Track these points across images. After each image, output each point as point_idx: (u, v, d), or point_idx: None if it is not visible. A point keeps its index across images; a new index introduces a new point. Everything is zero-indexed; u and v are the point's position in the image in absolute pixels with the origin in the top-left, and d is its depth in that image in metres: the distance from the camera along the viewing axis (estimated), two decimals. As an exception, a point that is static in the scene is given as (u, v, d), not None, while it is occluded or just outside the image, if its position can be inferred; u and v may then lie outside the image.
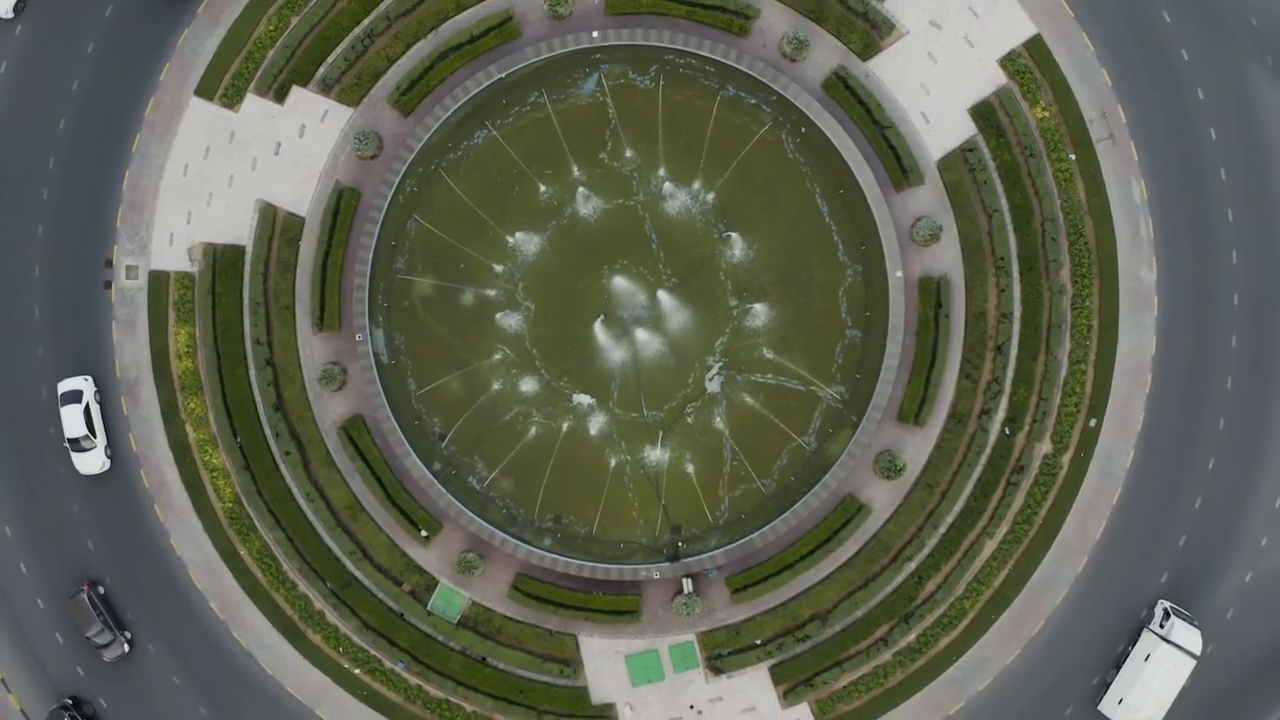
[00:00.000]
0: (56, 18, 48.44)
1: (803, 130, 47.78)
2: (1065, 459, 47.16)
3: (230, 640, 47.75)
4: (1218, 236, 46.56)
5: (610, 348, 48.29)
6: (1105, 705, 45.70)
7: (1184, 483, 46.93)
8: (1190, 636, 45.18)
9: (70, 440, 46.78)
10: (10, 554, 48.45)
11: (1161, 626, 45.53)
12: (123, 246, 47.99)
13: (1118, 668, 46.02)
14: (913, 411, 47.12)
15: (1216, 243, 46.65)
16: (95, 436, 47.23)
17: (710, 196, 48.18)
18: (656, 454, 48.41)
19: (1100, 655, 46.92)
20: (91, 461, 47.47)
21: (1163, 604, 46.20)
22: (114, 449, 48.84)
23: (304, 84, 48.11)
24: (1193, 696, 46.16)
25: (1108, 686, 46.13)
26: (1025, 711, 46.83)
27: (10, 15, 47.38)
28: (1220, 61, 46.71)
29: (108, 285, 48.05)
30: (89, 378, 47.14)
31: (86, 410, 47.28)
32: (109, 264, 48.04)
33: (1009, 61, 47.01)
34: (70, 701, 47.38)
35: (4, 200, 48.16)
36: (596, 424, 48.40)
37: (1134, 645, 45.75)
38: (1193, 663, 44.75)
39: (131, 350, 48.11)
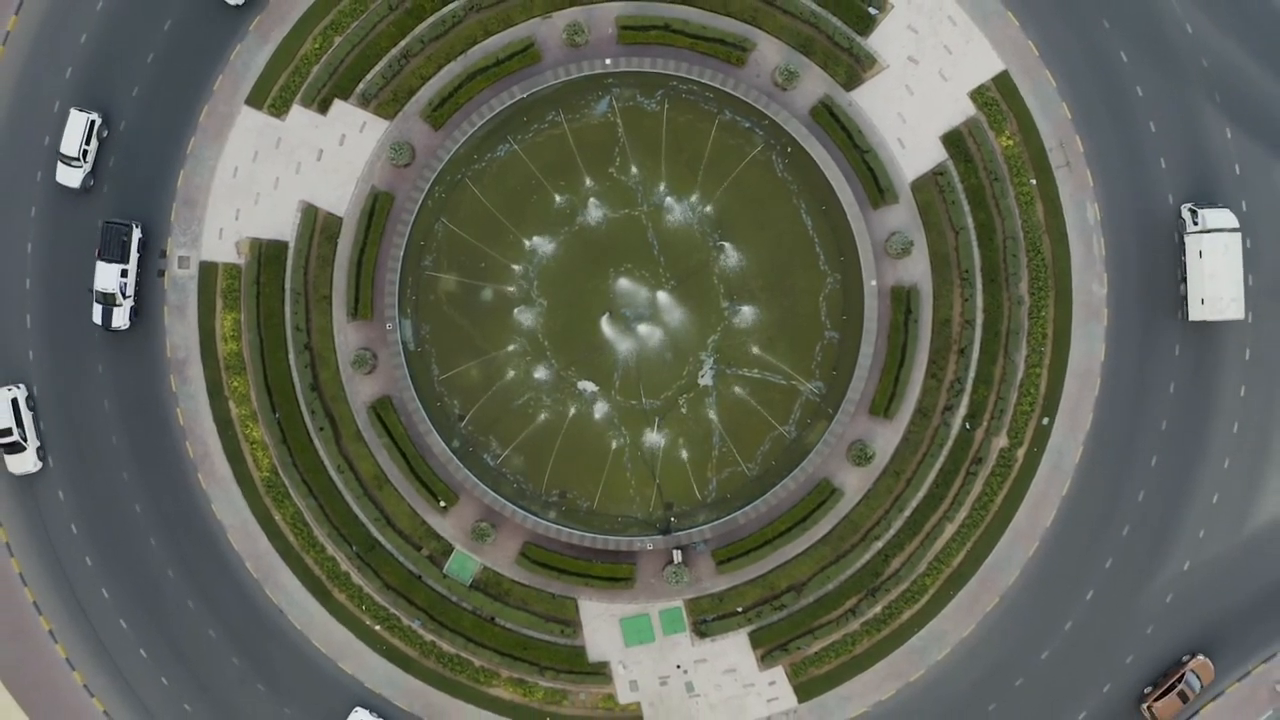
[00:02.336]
0: (119, 28, 49.94)
1: (789, 150, 49.62)
2: (1020, 453, 49.24)
3: (263, 598, 49.78)
4: (1164, 257, 48.67)
5: (614, 342, 50.18)
6: (1194, 314, 47.03)
7: (1128, 478, 49.08)
8: (1223, 217, 46.63)
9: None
10: (60, 517, 50.11)
11: (1196, 224, 46.78)
12: (176, 239, 49.87)
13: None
14: (883, 406, 49.07)
15: (1162, 262, 48.70)
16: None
17: (707, 209, 50.13)
18: (653, 438, 50.27)
19: (1050, 634, 49.11)
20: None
21: (1185, 206, 47.61)
22: (162, 422, 49.75)
23: (345, 97, 49.73)
24: (1137, 671, 48.76)
25: (1185, 300, 47.40)
26: (979, 680, 49.16)
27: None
28: (1172, 98, 48.84)
29: (161, 273, 49.90)
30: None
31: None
32: (163, 254, 49.86)
33: (978, 94, 48.97)
34: None
35: (67, 193, 49.75)
36: (600, 410, 50.25)
37: (1184, 255, 47.31)
38: (1238, 234, 46.46)
39: (181, 332, 49.90)
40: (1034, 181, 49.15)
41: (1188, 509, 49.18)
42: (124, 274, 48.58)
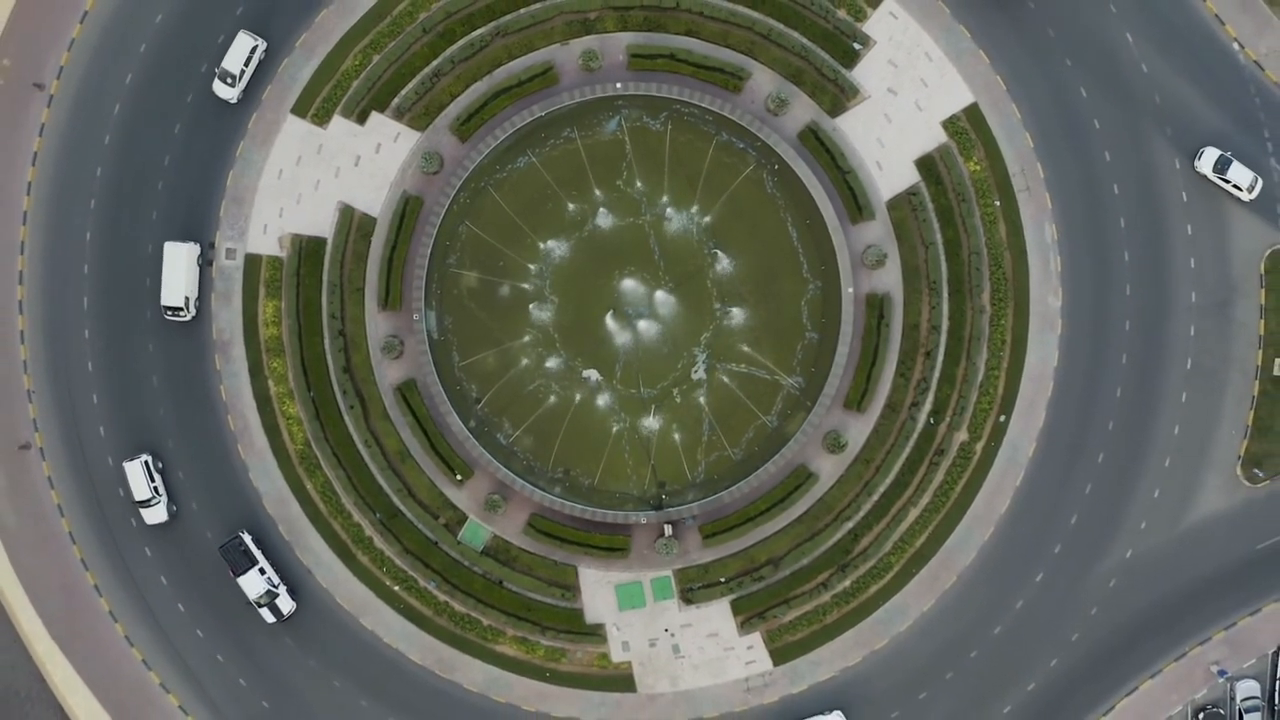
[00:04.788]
0: (177, 40, 51.56)
1: (778, 169, 51.80)
2: (978, 446, 51.57)
3: (293, 559, 51.61)
4: (1115, 273, 51.41)
5: (617, 336, 52.42)
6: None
7: (1077, 472, 51.32)
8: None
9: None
10: (109, 481, 51.57)
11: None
12: (224, 233, 51.59)
13: None
14: (856, 400, 51.32)
15: (1113, 278, 51.46)
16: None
17: (703, 220, 52.36)
18: (649, 423, 52.44)
19: (1003, 611, 51.01)
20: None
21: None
22: (206, 398, 51.28)
23: (381, 110, 51.67)
24: (1082, 649, 51.02)
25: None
26: (938, 651, 51.32)
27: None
28: (1126, 130, 51.28)
29: (209, 264, 51.55)
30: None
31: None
32: (211, 246, 51.51)
33: (950, 123, 51.38)
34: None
35: (125, 190, 51.61)
36: (602, 397, 52.48)
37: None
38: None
39: (226, 317, 51.66)
40: (998, 203, 51.56)
41: (1131, 502, 51.43)
42: (262, 572, 50.18)
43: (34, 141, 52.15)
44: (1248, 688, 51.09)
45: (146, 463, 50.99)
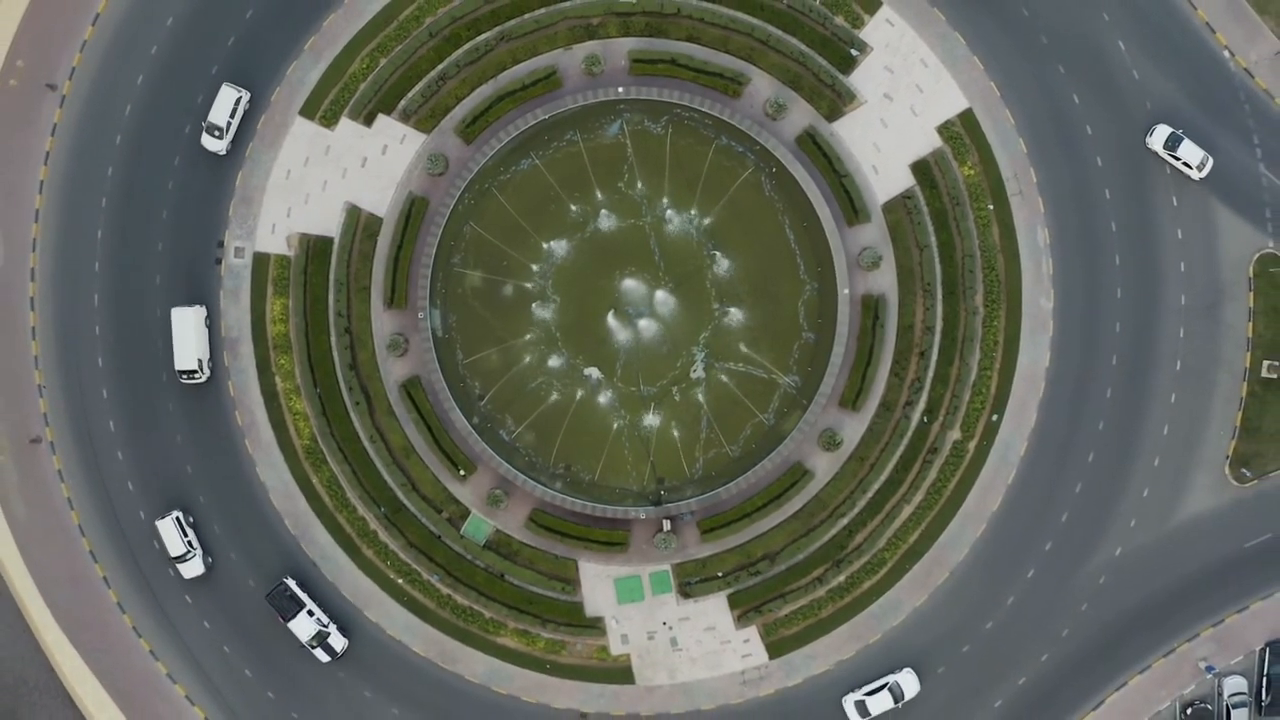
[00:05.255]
0: (186, 43, 51.83)
1: (776, 173, 52.36)
2: (971, 445, 52.09)
3: (299, 552, 52.05)
4: (1105, 276, 51.92)
5: (617, 335, 53.00)
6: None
7: (1068, 471, 51.85)
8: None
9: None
10: (119, 474, 52.17)
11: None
12: (233, 232, 52.04)
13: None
14: (851, 399, 51.83)
15: (1104, 281, 51.96)
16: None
17: (703, 221, 52.96)
18: (649, 420, 53.06)
19: (994, 607, 51.65)
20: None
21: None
22: (215, 393, 51.41)
23: (388, 112, 52.08)
24: (1072, 644, 51.52)
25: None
26: (929, 645, 51.80)
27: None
28: (1118, 136, 51.66)
29: (218, 262, 52.05)
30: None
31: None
32: (220, 245, 51.97)
33: (944, 129, 51.83)
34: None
35: (135, 189, 52.03)
36: (603, 394, 53.10)
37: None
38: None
39: (235, 314, 52.12)
40: (991, 207, 52.06)
41: (1120, 501, 51.94)
42: (311, 614, 50.39)
43: (46, 141, 52.74)
44: (1235, 684, 51.65)
45: (179, 518, 51.57)
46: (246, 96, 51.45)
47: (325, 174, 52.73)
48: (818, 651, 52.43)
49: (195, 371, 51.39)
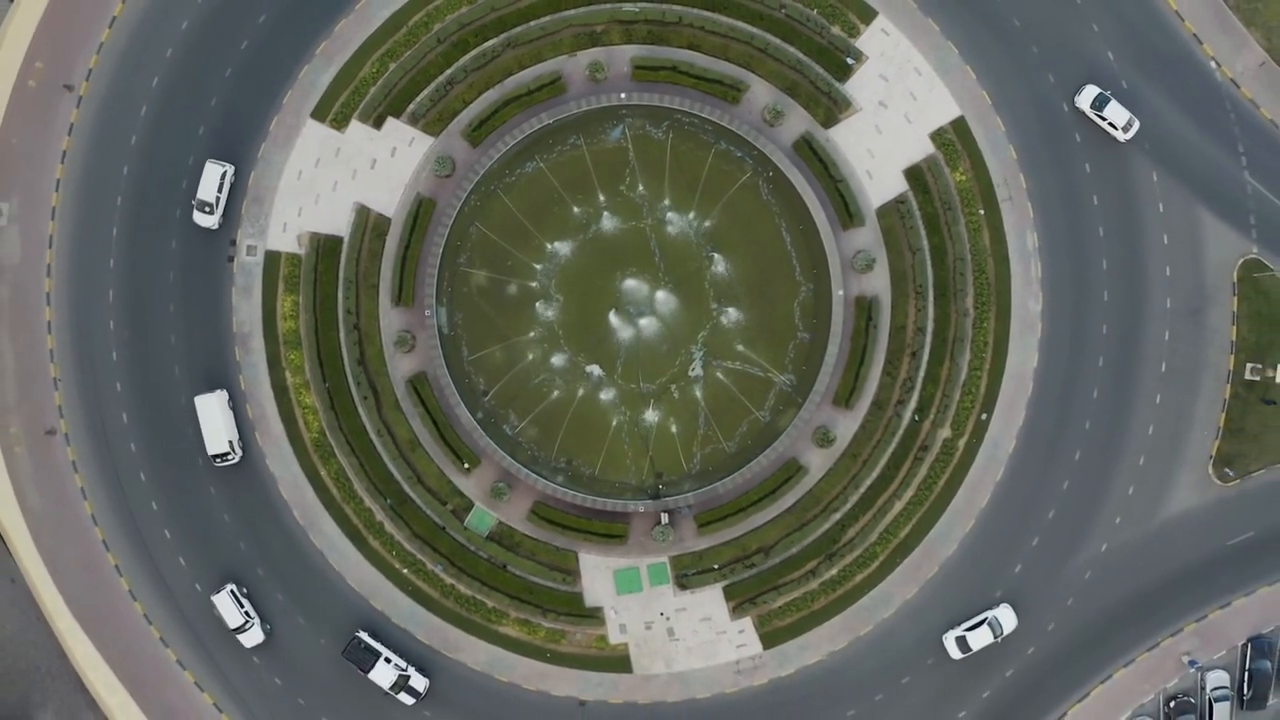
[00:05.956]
0: (200, 46, 52.35)
1: (770, 175, 52.90)
2: (961, 443, 52.70)
3: (307, 542, 52.72)
4: (1093, 280, 52.58)
5: (618, 333, 53.49)
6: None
7: (1054, 469, 52.56)
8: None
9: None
10: (131, 464, 52.72)
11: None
12: (245, 230, 52.46)
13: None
14: (844, 397, 52.50)
15: (1091, 285, 52.63)
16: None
17: (702, 224, 53.44)
18: (648, 416, 53.66)
19: (983, 599, 52.33)
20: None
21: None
22: (226, 387, 51.79)
23: (397, 116, 52.49)
24: (1058, 637, 51.96)
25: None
26: (920, 637, 52.48)
27: None
28: (1106, 145, 52.18)
29: (230, 259, 52.54)
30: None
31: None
32: (233, 243, 52.38)
33: (937, 135, 52.47)
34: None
35: (151, 188, 52.49)
36: (604, 391, 53.64)
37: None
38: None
39: (246, 311, 52.58)
40: (982, 212, 52.75)
41: (1106, 498, 52.66)
42: (388, 661, 50.86)
43: (63, 140, 53.33)
44: (1217, 678, 52.38)
45: (233, 590, 52.18)
46: (231, 170, 51.94)
47: (335, 175, 53.26)
48: (810, 642, 53.14)
49: (228, 453, 52.01)
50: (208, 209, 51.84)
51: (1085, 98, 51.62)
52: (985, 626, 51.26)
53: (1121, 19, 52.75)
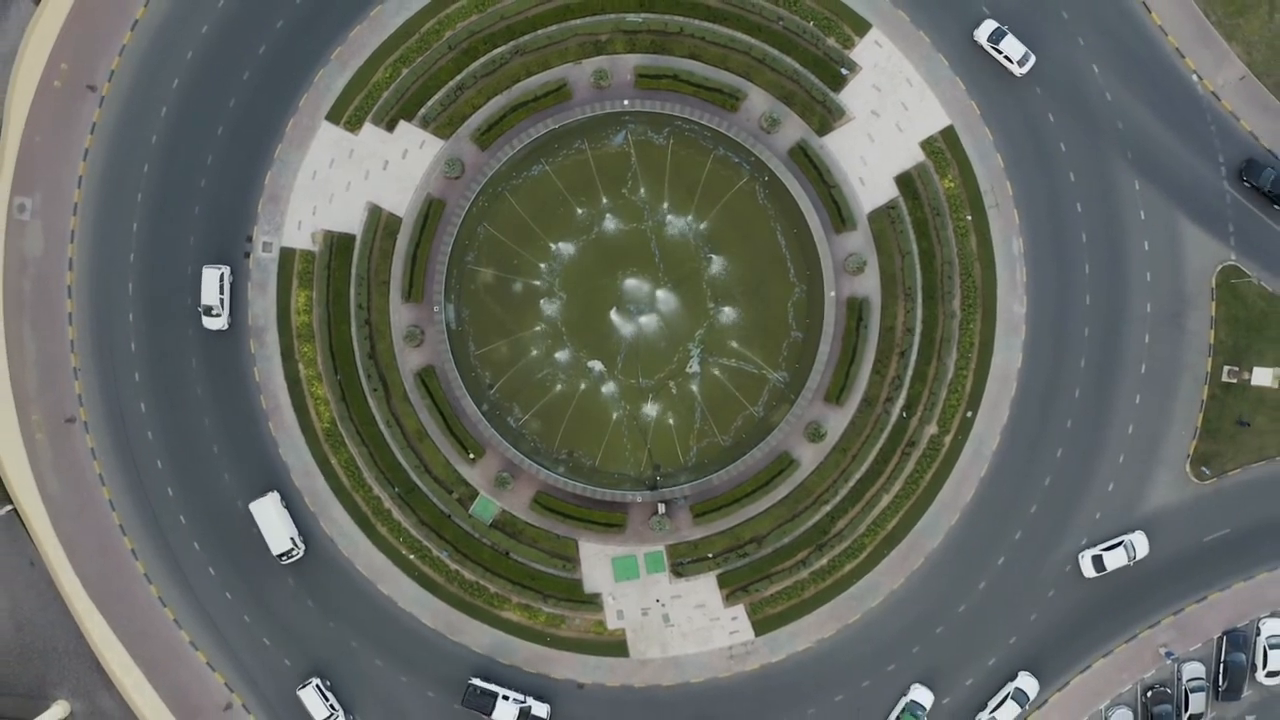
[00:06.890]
0: (219, 49, 52.94)
1: (766, 180, 53.51)
2: (947, 439, 53.47)
3: (318, 529, 53.53)
4: (1075, 284, 53.33)
5: (619, 330, 54.14)
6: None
7: (1037, 465, 53.31)
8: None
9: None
10: (148, 453, 53.68)
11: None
12: (261, 228, 53.36)
13: None
14: (835, 394, 53.12)
15: (1074, 288, 53.37)
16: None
17: (700, 226, 54.08)
18: (647, 410, 54.30)
19: (967, 591, 53.14)
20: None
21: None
22: (240, 378, 52.92)
23: (409, 119, 53.23)
24: (1039, 627, 52.65)
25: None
26: (906, 626, 53.50)
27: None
28: (1090, 153, 53.05)
29: (247, 255, 53.42)
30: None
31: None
32: (249, 240, 53.22)
33: (927, 144, 53.13)
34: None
35: (170, 186, 53.31)
36: (605, 385, 54.32)
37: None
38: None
39: (261, 305, 53.37)
40: (970, 218, 53.53)
41: (1086, 494, 53.35)
42: (506, 698, 51.11)
43: (86, 139, 54.16)
44: (1193, 669, 53.21)
45: (318, 685, 52.79)
46: (228, 271, 52.70)
47: (349, 175, 53.97)
48: (800, 630, 54.08)
49: (291, 550, 52.97)
50: (214, 312, 52.53)
51: (982, 32, 51.58)
52: (1120, 549, 50.85)
53: (1106, 33, 53.54)
